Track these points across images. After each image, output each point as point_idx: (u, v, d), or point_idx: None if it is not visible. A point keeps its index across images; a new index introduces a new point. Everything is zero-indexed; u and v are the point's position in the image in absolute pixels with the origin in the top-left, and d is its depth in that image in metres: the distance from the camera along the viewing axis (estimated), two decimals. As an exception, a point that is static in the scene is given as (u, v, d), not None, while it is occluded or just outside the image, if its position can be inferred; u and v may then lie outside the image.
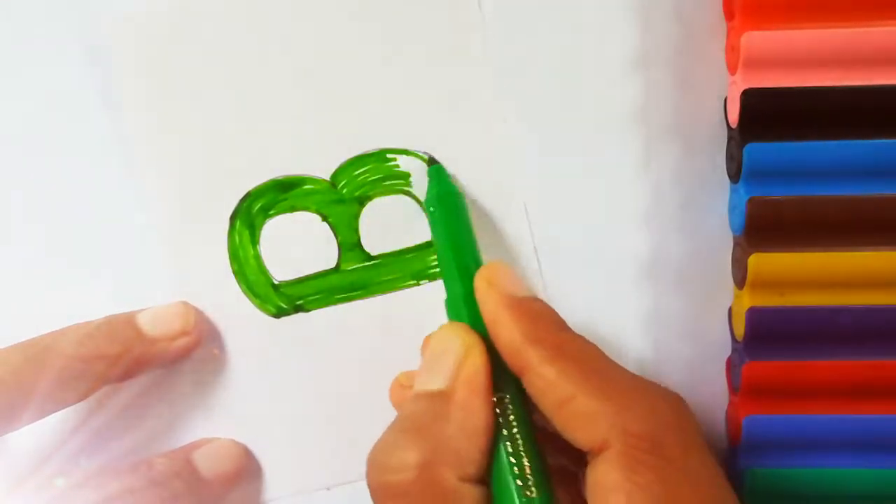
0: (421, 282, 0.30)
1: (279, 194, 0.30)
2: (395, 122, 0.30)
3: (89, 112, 0.29)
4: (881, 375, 0.28)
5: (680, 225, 0.30)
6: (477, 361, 0.25)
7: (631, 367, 0.30)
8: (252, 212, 0.30)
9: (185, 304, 0.30)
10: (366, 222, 0.30)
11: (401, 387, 0.29)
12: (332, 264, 0.30)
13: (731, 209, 0.29)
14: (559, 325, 0.26)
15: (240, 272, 0.30)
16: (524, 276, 0.30)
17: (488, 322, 0.25)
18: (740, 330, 0.28)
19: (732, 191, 0.29)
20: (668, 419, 0.23)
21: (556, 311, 0.26)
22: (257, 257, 0.30)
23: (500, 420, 0.25)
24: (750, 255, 0.27)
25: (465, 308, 0.26)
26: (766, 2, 0.26)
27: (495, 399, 0.25)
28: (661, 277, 0.30)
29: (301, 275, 0.30)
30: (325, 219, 0.30)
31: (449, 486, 0.23)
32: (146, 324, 0.29)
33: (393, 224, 0.30)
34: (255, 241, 0.30)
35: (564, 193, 0.30)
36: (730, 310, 0.30)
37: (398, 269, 0.30)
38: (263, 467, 0.31)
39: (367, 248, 0.30)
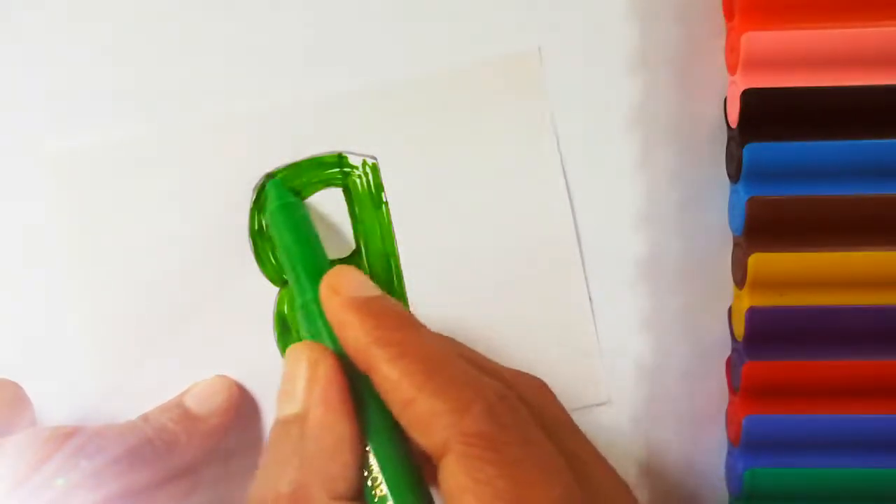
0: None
1: None
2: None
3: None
4: (881, 375, 0.28)
5: (680, 225, 0.30)
6: (325, 376, 0.24)
7: (630, 367, 0.31)
8: None
9: (226, 378, 0.30)
10: None
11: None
12: None
13: (731, 209, 0.29)
14: (406, 322, 0.25)
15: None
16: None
17: (334, 325, 0.25)
18: (740, 330, 0.28)
19: (732, 191, 0.29)
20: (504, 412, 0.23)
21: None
22: None
23: (366, 429, 0.24)
24: (750, 255, 0.27)
25: (318, 314, 0.26)
26: (766, 2, 0.26)
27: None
28: (661, 277, 0.30)
29: None
30: None
31: None
32: (191, 403, 0.30)
33: None
34: None
35: (564, 193, 0.30)
36: (729, 310, 0.30)
37: None
38: None
39: None
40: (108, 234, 0.30)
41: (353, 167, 0.30)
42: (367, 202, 0.30)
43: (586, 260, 0.30)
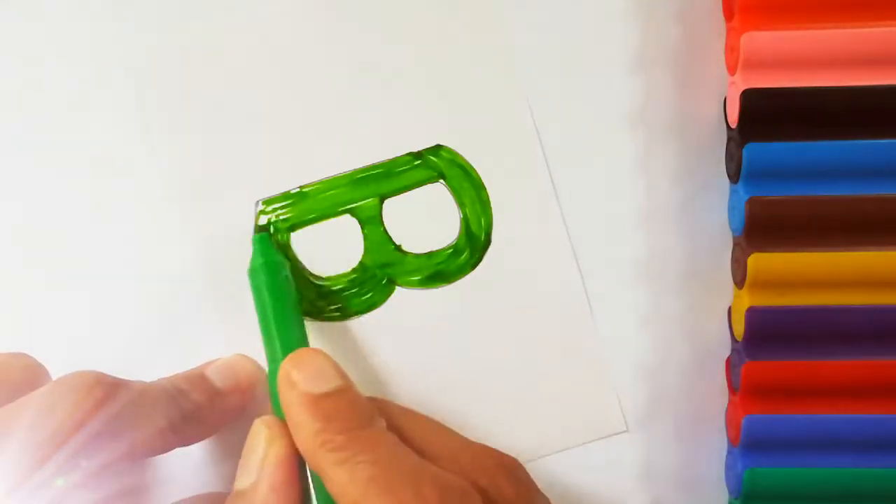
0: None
1: None
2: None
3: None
4: (881, 375, 0.28)
5: (679, 225, 0.30)
6: (277, 455, 0.25)
7: (630, 368, 0.31)
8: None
9: (246, 357, 0.30)
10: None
11: None
12: None
13: (731, 209, 0.29)
14: (356, 423, 0.25)
15: None
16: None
17: (287, 421, 0.26)
18: (740, 330, 0.28)
19: (732, 191, 0.29)
20: None
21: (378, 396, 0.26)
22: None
23: None
24: (749, 255, 0.27)
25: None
26: (766, 2, 0.26)
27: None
28: (661, 277, 0.30)
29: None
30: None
31: None
32: (215, 377, 0.29)
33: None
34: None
35: (564, 193, 0.30)
36: (729, 310, 0.30)
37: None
38: None
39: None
40: (107, 234, 0.30)
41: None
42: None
43: (586, 260, 0.30)
